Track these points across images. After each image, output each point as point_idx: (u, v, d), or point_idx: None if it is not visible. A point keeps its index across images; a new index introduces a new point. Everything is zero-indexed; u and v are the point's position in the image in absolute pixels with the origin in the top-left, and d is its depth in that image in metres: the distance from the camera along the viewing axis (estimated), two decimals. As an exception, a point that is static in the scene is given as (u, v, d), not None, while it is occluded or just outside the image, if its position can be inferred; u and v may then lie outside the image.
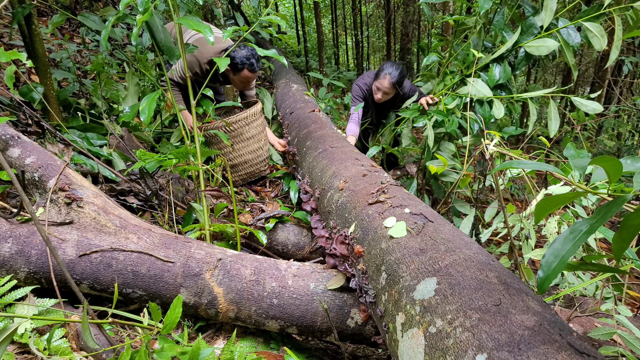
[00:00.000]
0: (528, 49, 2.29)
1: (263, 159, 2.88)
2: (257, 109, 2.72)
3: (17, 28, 2.11)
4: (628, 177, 2.40)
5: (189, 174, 2.13)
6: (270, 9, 3.63)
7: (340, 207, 1.56)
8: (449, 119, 2.35)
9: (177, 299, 1.04)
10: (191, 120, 1.95)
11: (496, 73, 2.38)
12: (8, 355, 1.14)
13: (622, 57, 5.06)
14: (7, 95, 2.36)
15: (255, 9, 5.79)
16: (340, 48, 10.84)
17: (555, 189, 1.42)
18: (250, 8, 9.17)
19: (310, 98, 3.36)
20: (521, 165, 0.75)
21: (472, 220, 1.92)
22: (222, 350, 1.21)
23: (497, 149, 1.41)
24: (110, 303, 1.48)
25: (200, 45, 2.53)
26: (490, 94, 2.31)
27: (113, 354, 1.23)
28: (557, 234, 1.52)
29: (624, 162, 0.67)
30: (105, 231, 1.47)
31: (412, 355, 0.87)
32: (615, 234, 0.64)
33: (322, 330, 1.40)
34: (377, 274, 1.15)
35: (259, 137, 2.78)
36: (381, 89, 2.84)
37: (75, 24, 4.26)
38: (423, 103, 2.55)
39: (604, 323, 1.34)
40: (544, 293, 0.74)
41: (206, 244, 1.55)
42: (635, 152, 5.63)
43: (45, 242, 1.06)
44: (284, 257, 2.10)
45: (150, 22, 1.71)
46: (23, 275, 1.39)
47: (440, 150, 2.63)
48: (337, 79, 7.05)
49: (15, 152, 1.55)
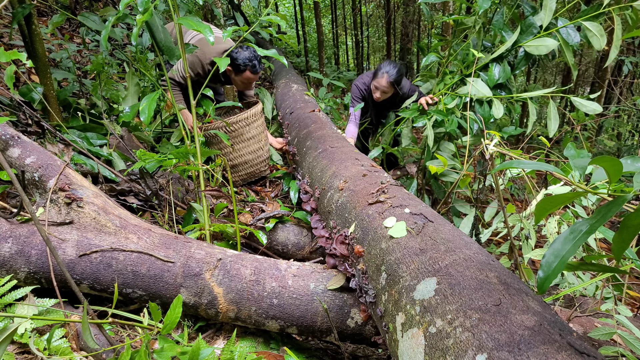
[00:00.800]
0: (527, 49, 2.29)
1: (263, 159, 2.89)
2: (257, 110, 2.72)
3: (17, 28, 2.11)
4: (628, 177, 2.40)
5: (189, 174, 2.13)
6: (270, 9, 3.63)
7: (340, 207, 1.56)
8: (449, 118, 2.35)
9: (177, 299, 1.04)
10: (191, 120, 1.95)
11: (496, 73, 2.38)
12: (8, 355, 1.14)
13: (622, 57, 5.06)
14: (7, 95, 2.36)
15: (255, 9, 5.79)
16: (340, 48, 10.84)
17: (555, 189, 1.42)
18: (250, 8, 9.17)
19: (310, 98, 3.36)
20: (521, 165, 0.75)
21: (472, 220, 1.92)
22: (222, 350, 1.21)
23: (497, 149, 1.41)
24: (110, 303, 1.48)
25: (202, 46, 2.53)
26: (489, 93, 2.31)
27: (113, 354, 1.23)
28: (557, 234, 1.52)
29: (624, 162, 0.67)
30: (105, 231, 1.47)
31: (412, 355, 0.87)
32: (615, 234, 0.64)
33: (322, 330, 1.40)
34: (377, 274, 1.15)
35: (259, 137, 2.78)
36: (379, 87, 2.85)
37: (75, 24, 4.26)
38: (423, 103, 2.55)
39: (604, 323, 1.34)
40: (544, 293, 0.74)
41: (206, 244, 1.55)
42: (635, 152, 5.63)
43: (45, 242, 1.06)
44: (284, 257, 2.10)
45: (150, 22, 1.71)
46: (23, 275, 1.39)
47: (440, 150, 2.63)
48: (337, 79, 7.05)
49: (15, 152, 1.55)
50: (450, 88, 2.59)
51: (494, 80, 2.36)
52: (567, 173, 1.40)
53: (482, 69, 2.45)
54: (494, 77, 2.37)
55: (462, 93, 2.45)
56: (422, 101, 2.57)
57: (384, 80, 2.81)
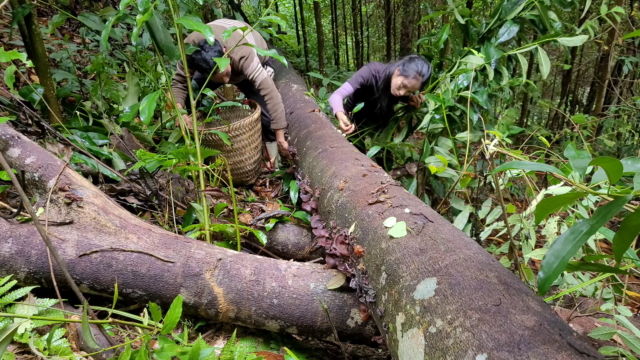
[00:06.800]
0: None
1: (246, 170, 2.83)
2: (242, 123, 2.63)
3: (17, 28, 2.11)
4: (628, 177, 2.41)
5: (189, 174, 2.13)
6: (270, 9, 3.63)
7: (340, 207, 1.56)
8: (444, 98, 2.37)
9: (177, 299, 1.04)
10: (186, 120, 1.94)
11: (491, 51, 2.54)
12: (8, 355, 1.14)
13: (622, 57, 5.06)
14: (7, 95, 2.36)
15: (255, 9, 5.79)
16: (340, 48, 10.84)
17: (556, 190, 1.42)
18: (250, 8, 9.16)
19: (310, 98, 3.36)
20: (521, 166, 0.75)
21: (467, 216, 1.92)
22: (222, 350, 1.21)
23: (497, 149, 1.41)
24: (110, 303, 1.48)
25: (234, 39, 2.48)
26: (482, 61, 2.45)
27: (113, 354, 1.23)
28: (557, 234, 1.52)
29: (624, 163, 0.67)
30: (105, 231, 1.47)
31: (412, 355, 0.87)
32: (616, 235, 0.64)
33: (322, 330, 1.40)
34: (377, 274, 1.15)
35: (241, 151, 2.70)
36: (408, 87, 2.64)
37: (75, 24, 4.26)
38: (423, 98, 2.58)
39: (604, 323, 1.34)
40: (545, 294, 0.74)
41: (206, 244, 1.55)
42: (635, 152, 5.63)
43: (45, 242, 1.06)
44: (284, 257, 2.10)
45: (150, 22, 1.71)
46: (23, 275, 1.39)
47: (437, 147, 2.63)
48: (337, 79, 7.04)
49: (15, 152, 1.55)
50: (449, 72, 2.68)
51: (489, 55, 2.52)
52: (567, 173, 1.40)
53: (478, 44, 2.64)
54: (491, 54, 2.52)
55: (459, 70, 2.57)
56: (419, 98, 2.59)
57: (417, 83, 2.61)
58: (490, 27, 2.61)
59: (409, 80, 2.60)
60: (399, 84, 2.65)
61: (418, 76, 2.57)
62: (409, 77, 2.59)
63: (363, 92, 2.93)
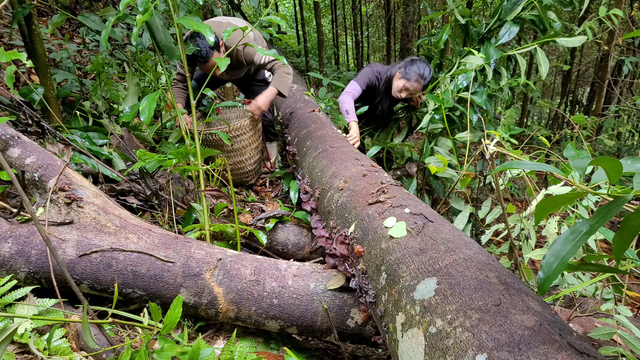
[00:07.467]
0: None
1: (246, 171, 2.84)
2: (243, 124, 2.62)
3: (17, 28, 2.11)
4: (628, 177, 2.42)
5: (189, 174, 2.13)
6: (270, 9, 3.63)
7: (340, 207, 1.56)
8: (443, 99, 2.37)
9: (177, 299, 1.04)
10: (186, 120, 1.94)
11: (491, 51, 2.56)
12: (8, 355, 1.14)
13: (622, 57, 5.06)
14: (7, 95, 2.36)
15: (255, 9, 5.79)
16: (340, 48, 10.84)
17: (556, 190, 1.42)
18: (250, 8, 9.16)
19: (310, 98, 3.36)
20: (521, 166, 0.75)
21: (467, 216, 1.92)
22: (222, 350, 1.21)
23: (497, 149, 1.41)
24: (110, 303, 1.48)
25: (234, 38, 2.47)
26: (481, 62, 2.47)
27: (113, 354, 1.23)
28: (557, 234, 1.52)
29: (624, 163, 0.67)
30: (105, 231, 1.47)
31: (412, 355, 0.87)
32: (616, 235, 0.64)
33: (322, 330, 1.40)
34: (377, 274, 1.15)
35: (242, 151, 2.71)
36: (410, 90, 2.62)
37: (75, 24, 4.26)
38: (423, 98, 2.58)
39: (604, 323, 1.34)
40: (545, 294, 0.74)
41: (206, 244, 1.55)
42: (635, 152, 5.63)
43: (45, 242, 1.06)
44: (284, 257, 2.10)
45: (150, 22, 1.71)
46: (23, 275, 1.39)
47: (437, 147, 2.63)
48: (337, 79, 7.05)
49: (15, 152, 1.55)
50: (448, 72, 2.69)
51: (489, 55, 2.53)
52: (567, 173, 1.40)
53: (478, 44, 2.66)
54: (490, 54, 2.54)
55: (459, 71, 2.58)
56: (421, 98, 2.59)
57: (419, 86, 2.59)
58: (490, 28, 2.62)
59: (411, 84, 2.57)
60: (400, 86, 2.63)
61: (420, 79, 2.55)
62: (411, 80, 2.56)
63: (364, 93, 2.91)
